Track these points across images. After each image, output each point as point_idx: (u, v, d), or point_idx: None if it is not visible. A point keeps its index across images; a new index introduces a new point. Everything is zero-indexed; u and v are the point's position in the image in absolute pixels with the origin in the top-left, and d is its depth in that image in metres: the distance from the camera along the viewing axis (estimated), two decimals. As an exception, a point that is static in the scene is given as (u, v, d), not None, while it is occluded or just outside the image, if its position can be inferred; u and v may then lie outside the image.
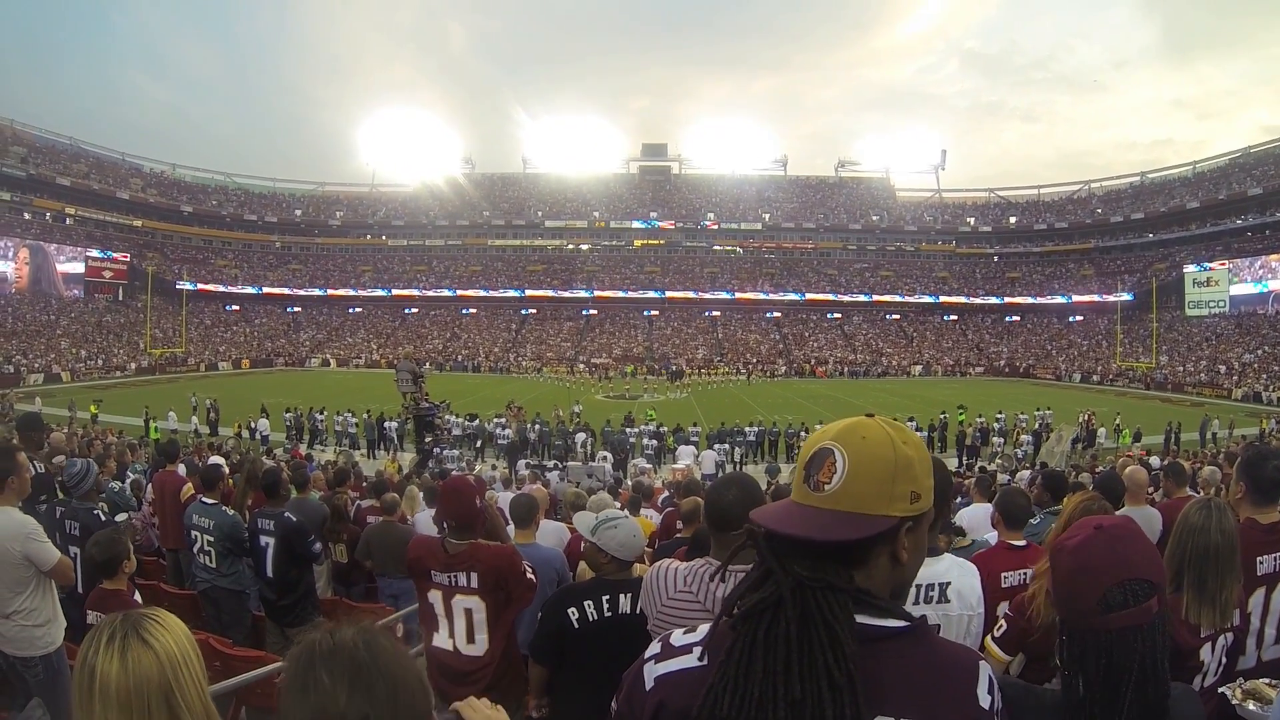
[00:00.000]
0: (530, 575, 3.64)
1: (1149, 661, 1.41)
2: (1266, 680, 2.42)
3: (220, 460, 11.65)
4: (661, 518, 8.49)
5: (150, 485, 8.70)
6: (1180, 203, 72.96)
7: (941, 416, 31.12)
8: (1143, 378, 54.52)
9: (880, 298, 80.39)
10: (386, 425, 28.33)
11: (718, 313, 79.91)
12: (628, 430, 27.15)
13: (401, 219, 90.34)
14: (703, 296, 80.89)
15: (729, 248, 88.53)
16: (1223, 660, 2.55)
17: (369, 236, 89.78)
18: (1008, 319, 77.63)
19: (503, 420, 28.44)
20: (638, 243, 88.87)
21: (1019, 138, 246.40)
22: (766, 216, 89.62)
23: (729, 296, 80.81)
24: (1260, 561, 2.92)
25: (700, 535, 4.29)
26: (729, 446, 26.24)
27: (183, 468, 8.70)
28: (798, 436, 27.55)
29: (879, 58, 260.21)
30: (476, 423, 28.65)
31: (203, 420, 30.68)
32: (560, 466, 20.36)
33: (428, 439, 23.62)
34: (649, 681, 1.33)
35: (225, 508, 6.26)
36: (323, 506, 7.51)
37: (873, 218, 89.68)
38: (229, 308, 76.68)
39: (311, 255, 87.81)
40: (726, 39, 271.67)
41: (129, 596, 4.13)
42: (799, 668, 1.13)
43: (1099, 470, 15.11)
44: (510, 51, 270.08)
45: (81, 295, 66.11)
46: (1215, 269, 63.73)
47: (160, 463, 8.54)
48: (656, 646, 1.37)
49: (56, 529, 5.14)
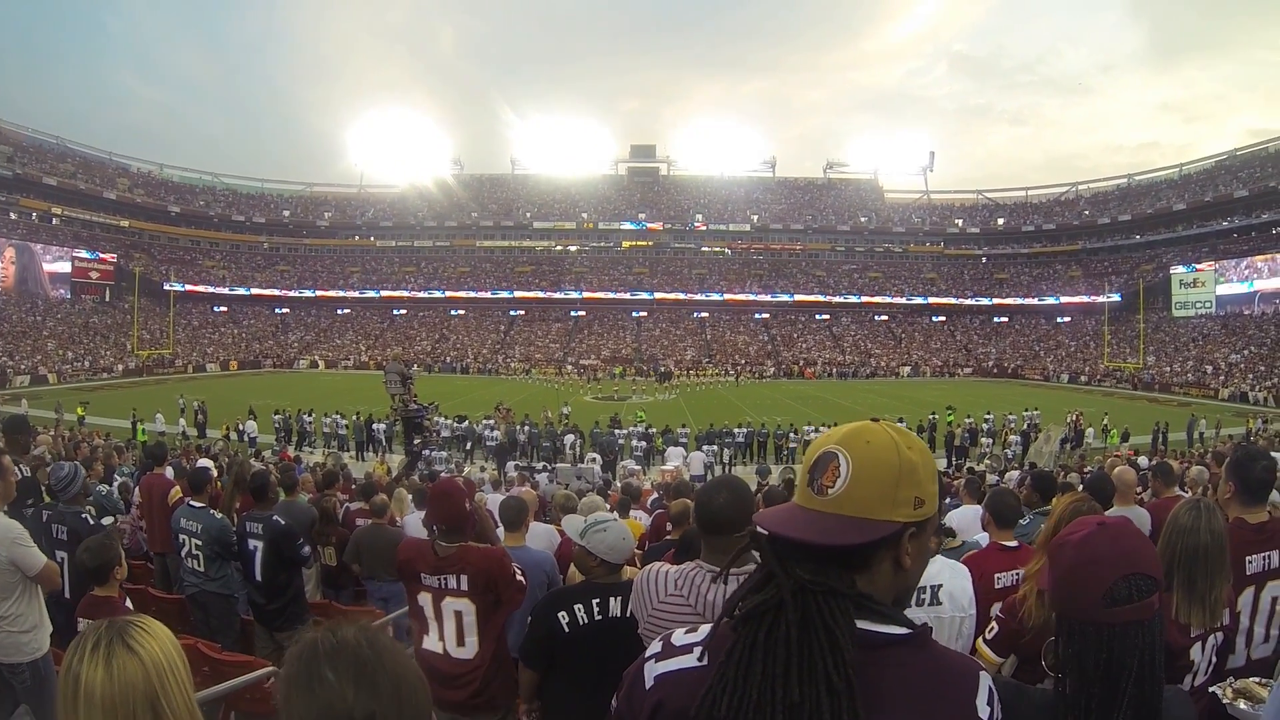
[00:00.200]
0: (520, 578, 3.62)
1: (1148, 658, 1.42)
2: (1257, 679, 2.44)
3: (208, 463, 11.60)
4: (651, 520, 8.50)
5: (138, 488, 8.62)
6: (1167, 204, 73.38)
7: (930, 417, 31.30)
8: (1130, 378, 54.88)
9: (869, 299, 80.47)
10: (375, 427, 28.24)
11: (706, 314, 79.86)
12: (616, 432, 27.14)
13: (390, 220, 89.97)
14: (691, 298, 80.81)
15: (717, 249, 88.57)
16: (1213, 659, 2.57)
17: (357, 237, 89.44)
18: (996, 320, 77.83)
19: (491, 422, 28.38)
20: (626, 244, 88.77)
21: (1007, 140, 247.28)
22: (755, 218, 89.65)
23: (717, 298, 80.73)
24: (1249, 561, 2.95)
25: (688, 537, 4.28)
26: (718, 448, 26.32)
27: (170, 470, 8.64)
28: (786, 438, 27.75)
29: (868, 60, 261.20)
30: (465, 424, 28.60)
31: (190, 422, 30.53)
32: (549, 468, 20.35)
33: (416, 441, 23.51)
34: (649, 680, 1.33)
35: (213, 511, 6.21)
36: (311, 509, 7.43)
37: (861, 219, 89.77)
38: (216, 309, 76.15)
39: (299, 256, 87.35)
40: (716, 41, 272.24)
41: (120, 603, 4.09)
42: (798, 671, 1.13)
43: (1087, 470, 15.19)
44: (499, 53, 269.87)
45: (68, 296, 65.57)
46: (1202, 270, 64.23)
47: (148, 465, 8.47)
48: (658, 645, 1.37)
49: (43, 533, 5.10)
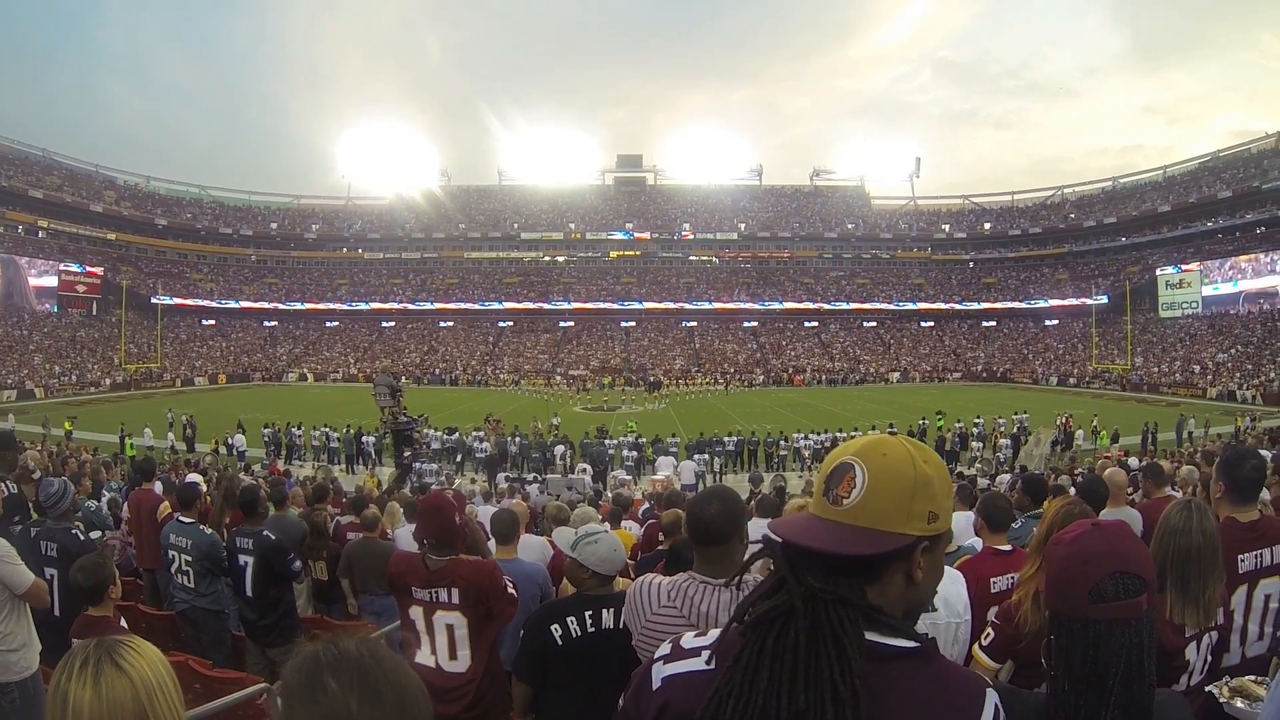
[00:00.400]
0: (511, 590, 3.60)
1: (1135, 658, 1.42)
2: (1253, 677, 2.44)
3: (197, 478, 11.55)
4: (643, 530, 8.48)
5: (126, 504, 8.57)
6: (1152, 206, 73.94)
7: (921, 422, 31.41)
8: (1119, 379, 55.22)
9: (857, 305, 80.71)
10: (364, 440, 28.14)
11: (695, 323, 79.86)
12: (606, 442, 27.08)
13: (377, 232, 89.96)
14: (679, 307, 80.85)
15: (705, 258, 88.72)
16: (1208, 659, 2.57)
17: (345, 250, 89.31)
18: (984, 324, 78.07)
19: (481, 434, 28.25)
20: (614, 254, 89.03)
21: (992, 145, 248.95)
22: (742, 226, 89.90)
23: (706, 306, 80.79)
24: (1241, 560, 2.96)
25: (677, 548, 4.27)
26: (708, 457, 26.31)
27: (159, 485, 8.59)
28: (777, 446, 27.80)
29: (854, 67, 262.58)
30: (455, 436, 28.56)
31: (179, 437, 30.34)
32: (540, 479, 20.34)
33: (406, 453, 23.51)
34: (656, 681, 1.35)
35: (203, 526, 6.17)
36: (302, 524, 7.38)
37: (848, 226, 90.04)
38: (204, 322, 75.87)
39: (287, 268, 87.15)
40: (702, 51, 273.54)
41: (115, 623, 4.03)
42: (804, 679, 1.14)
43: (1077, 472, 15.24)
44: (486, 65, 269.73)
45: (55, 309, 65.25)
46: (1187, 271, 64.73)
47: (136, 480, 8.41)
48: (667, 647, 1.39)
49: (31, 550, 5.03)
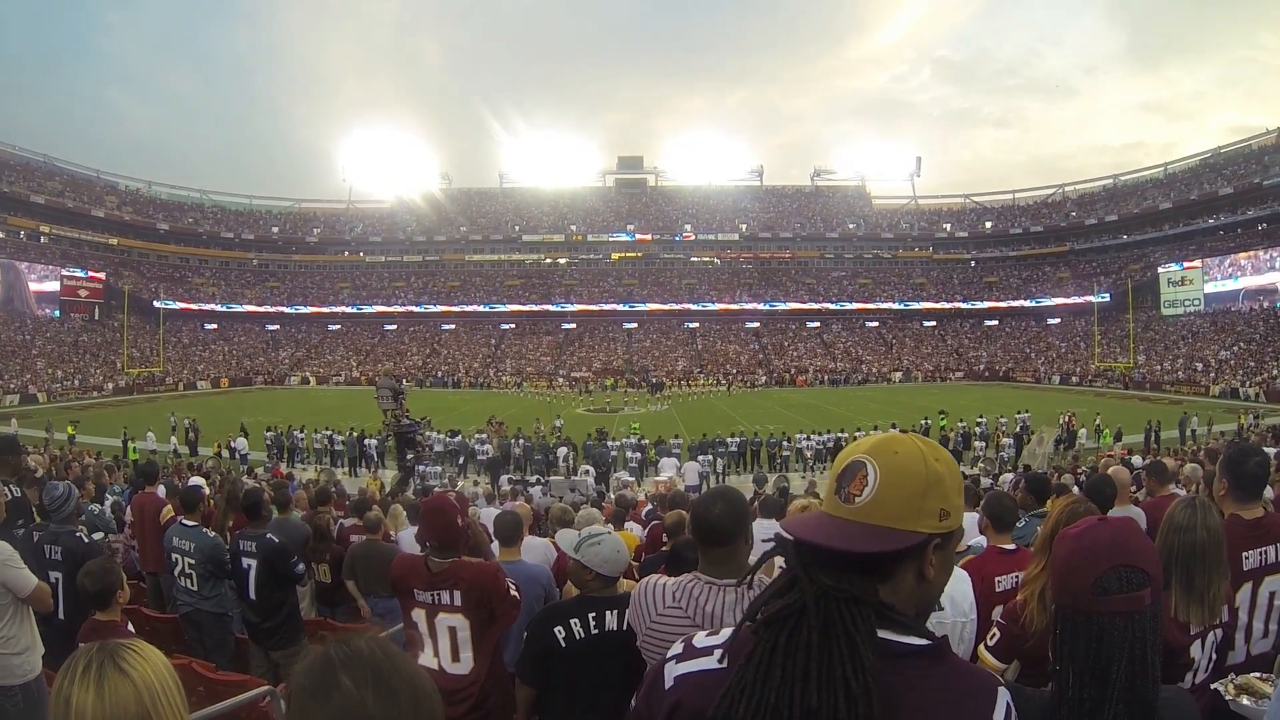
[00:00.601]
0: (514, 592, 3.60)
1: (1138, 653, 1.42)
2: (1258, 674, 2.43)
3: (200, 481, 11.54)
4: (647, 531, 8.47)
5: (130, 507, 8.58)
6: (1153, 204, 73.81)
7: (923, 422, 31.39)
8: (1121, 377, 55.09)
9: (859, 305, 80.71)
10: (367, 443, 28.19)
11: (696, 324, 79.89)
12: (609, 444, 27.06)
13: (379, 235, 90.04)
14: (681, 308, 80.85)
15: (706, 259, 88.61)
16: (1213, 656, 2.57)
17: (346, 253, 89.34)
18: (986, 323, 77.97)
19: (484, 436, 28.17)
20: (615, 256, 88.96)
21: (992, 144, 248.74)
22: (743, 227, 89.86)
23: (708, 307, 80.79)
24: (1246, 557, 2.95)
25: (679, 548, 4.26)
26: (711, 457, 26.24)
27: (162, 489, 8.60)
28: (780, 446, 27.82)
29: (852, 67, 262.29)
30: (458, 439, 28.55)
31: (182, 440, 30.43)
32: (543, 481, 20.33)
33: (409, 456, 23.54)
34: (668, 680, 1.35)
35: (206, 529, 6.19)
36: (305, 526, 7.40)
37: (849, 226, 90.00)
38: (206, 326, 75.92)
39: (289, 272, 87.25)
40: (702, 52, 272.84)
41: (123, 628, 4.00)
42: (817, 677, 1.13)
43: (1080, 470, 15.23)
44: (486, 68, 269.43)
45: (57, 314, 65.32)
46: (1189, 268, 64.54)
47: (139, 484, 8.44)
48: (679, 646, 1.40)
49: (35, 554, 5.04)
